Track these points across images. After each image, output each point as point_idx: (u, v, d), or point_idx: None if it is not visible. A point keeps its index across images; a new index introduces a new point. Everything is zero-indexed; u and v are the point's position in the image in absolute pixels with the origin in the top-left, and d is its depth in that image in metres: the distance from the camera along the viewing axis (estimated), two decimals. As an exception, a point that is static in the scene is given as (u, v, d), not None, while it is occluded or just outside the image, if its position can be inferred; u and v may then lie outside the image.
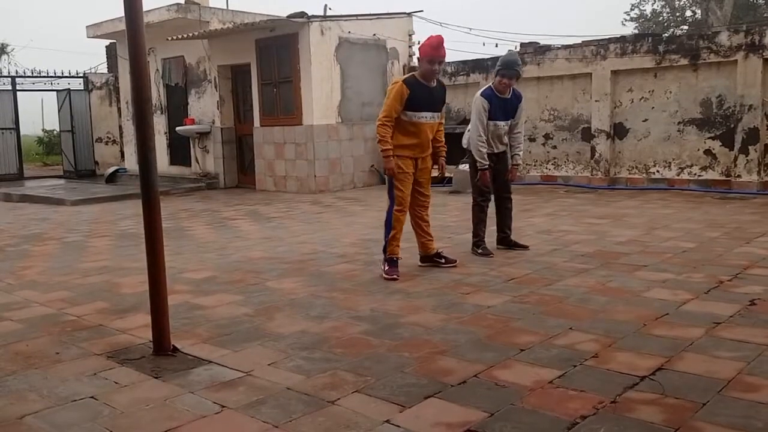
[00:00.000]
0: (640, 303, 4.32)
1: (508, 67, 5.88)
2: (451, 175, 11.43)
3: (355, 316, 4.28)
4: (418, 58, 5.40)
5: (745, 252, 5.72)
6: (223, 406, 2.96)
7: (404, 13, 13.56)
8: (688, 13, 25.49)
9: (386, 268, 5.29)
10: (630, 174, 10.99)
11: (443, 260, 5.60)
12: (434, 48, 5.20)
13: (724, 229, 6.88)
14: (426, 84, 5.33)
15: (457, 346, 3.61)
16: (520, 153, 6.19)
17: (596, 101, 11.18)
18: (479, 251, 6.00)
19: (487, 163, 5.95)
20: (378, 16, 13.01)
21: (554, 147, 11.93)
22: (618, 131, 11.12)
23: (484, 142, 5.95)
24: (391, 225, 5.33)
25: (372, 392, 3.05)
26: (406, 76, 5.46)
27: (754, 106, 9.66)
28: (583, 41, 11.93)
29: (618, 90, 11.08)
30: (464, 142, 6.41)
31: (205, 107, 13.97)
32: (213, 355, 3.64)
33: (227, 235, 7.80)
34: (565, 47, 11.80)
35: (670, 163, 10.56)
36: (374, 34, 12.86)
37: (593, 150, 11.30)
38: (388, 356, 3.51)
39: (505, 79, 5.91)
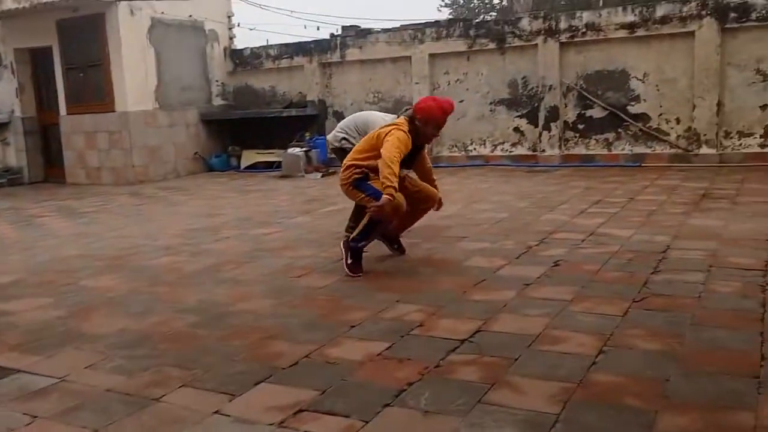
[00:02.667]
0: (461, 272, 4.58)
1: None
2: (281, 159, 11.34)
3: (181, 309, 4.11)
4: (417, 119, 4.59)
5: (550, 219, 6.26)
6: (34, 417, 2.71)
7: (222, -7, 13.12)
8: (496, 0, 27.21)
9: (351, 261, 4.67)
10: (451, 152, 11.56)
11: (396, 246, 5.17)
12: (446, 113, 4.70)
13: (532, 199, 7.48)
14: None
15: (288, 329, 3.60)
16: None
17: (416, 83, 11.60)
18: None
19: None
20: (194, -4, 12.47)
21: (379, 128, 12.22)
22: (437, 112, 11.62)
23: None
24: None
25: (200, 385, 2.96)
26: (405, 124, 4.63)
27: (554, 86, 10.57)
28: (401, 25, 12.31)
29: (436, 72, 11.57)
30: (330, 139, 6.06)
31: (3, 95, 12.58)
32: (22, 363, 3.32)
33: (34, 234, 7.12)
34: (385, 31, 12.09)
35: (485, 140, 11.27)
36: (190, 15, 12.31)
37: (415, 130, 11.73)
38: (217, 346, 3.42)
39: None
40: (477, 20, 11.65)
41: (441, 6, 28.32)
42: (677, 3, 9.88)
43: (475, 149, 11.34)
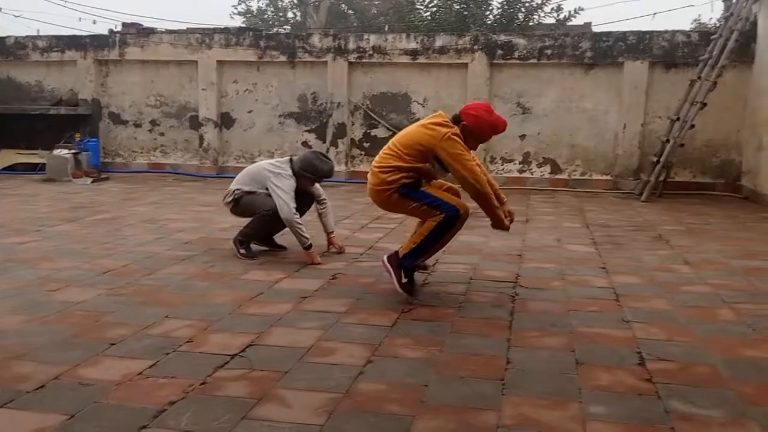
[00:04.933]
0: (238, 285, 4.47)
1: (322, 177, 5.27)
2: (45, 161, 10.29)
3: None
4: (464, 124, 4.06)
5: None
6: None
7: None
8: (290, 14, 27.43)
9: (406, 281, 4.13)
10: (237, 163, 11.34)
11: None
12: (495, 132, 4.23)
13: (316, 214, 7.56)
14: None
15: (38, 349, 3.23)
16: (332, 220, 5.58)
17: (203, 90, 11.26)
18: (242, 251, 5.29)
19: (310, 240, 5.11)
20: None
21: (162, 134, 11.65)
22: (225, 121, 11.38)
23: (300, 220, 5.14)
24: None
25: None
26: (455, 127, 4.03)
27: (342, 103, 10.89)
28: (188, 28, 11.90)
29: (224, 80, 11.32)
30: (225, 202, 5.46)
31: None
32: None
33: None
34: (170, 32, 11.60)
35: (273, 153, 11.24)
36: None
37: (201, 138, 11.37)
38: (-53, 371, 2.96)
39: (309, 183, 5.28)
40: (268, 32, 11.61)
41: (233, 14, 27.89)
42: (454, 36, 10.74)
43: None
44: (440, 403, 2.70)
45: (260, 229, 5.34)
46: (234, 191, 5.35)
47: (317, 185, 5.44)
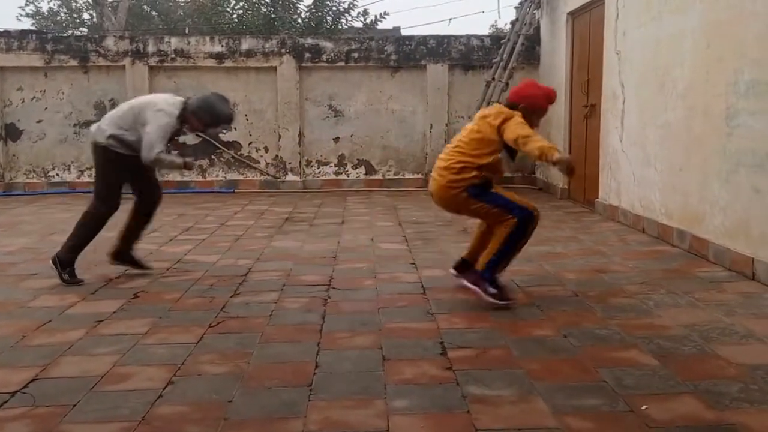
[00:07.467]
0: (22, 314, 4.03)
1: (219, 123, 4.84)
2: None
3: None
4: (520, 107, 4.06)
5: (138, 248, 5.98)
6: None
7: None
8: (86, 15, 25.47)
9: (496, 290, 4.00)
10: (28, 178, 10.33)
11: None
12: (551, 102, 4.19)
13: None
14: None
15: None
16: None
17: (-18, 99, 10.10)
18: (65, 276, 4.66)
19: (182, 159, 4.71)
20: None
21: (-66, 150, 10.28)
22: (11, 133, 10.30)
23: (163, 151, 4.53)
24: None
25: None
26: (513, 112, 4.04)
27: (145, 110, 10.29)
28: (-38, 31, 10.61)
29: (8, 88, 10.26)
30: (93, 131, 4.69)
31: None
32: None
33: None
34: (-62, 35, 10.27)
35: (69, 165, 10.37)
36: None
37: (-16, 153, 10.20)
38: None
39: (199, 127, 4.77)
40: (54, 34, 10.69)
41: (21, 16, 25.41)
42: (260, 39, 10.60)
43: (58, 175, 10.35)
44: (244, 418, 2.61)
45: (87, 236, 4.74)
46: (109, 136, 4.53)
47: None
